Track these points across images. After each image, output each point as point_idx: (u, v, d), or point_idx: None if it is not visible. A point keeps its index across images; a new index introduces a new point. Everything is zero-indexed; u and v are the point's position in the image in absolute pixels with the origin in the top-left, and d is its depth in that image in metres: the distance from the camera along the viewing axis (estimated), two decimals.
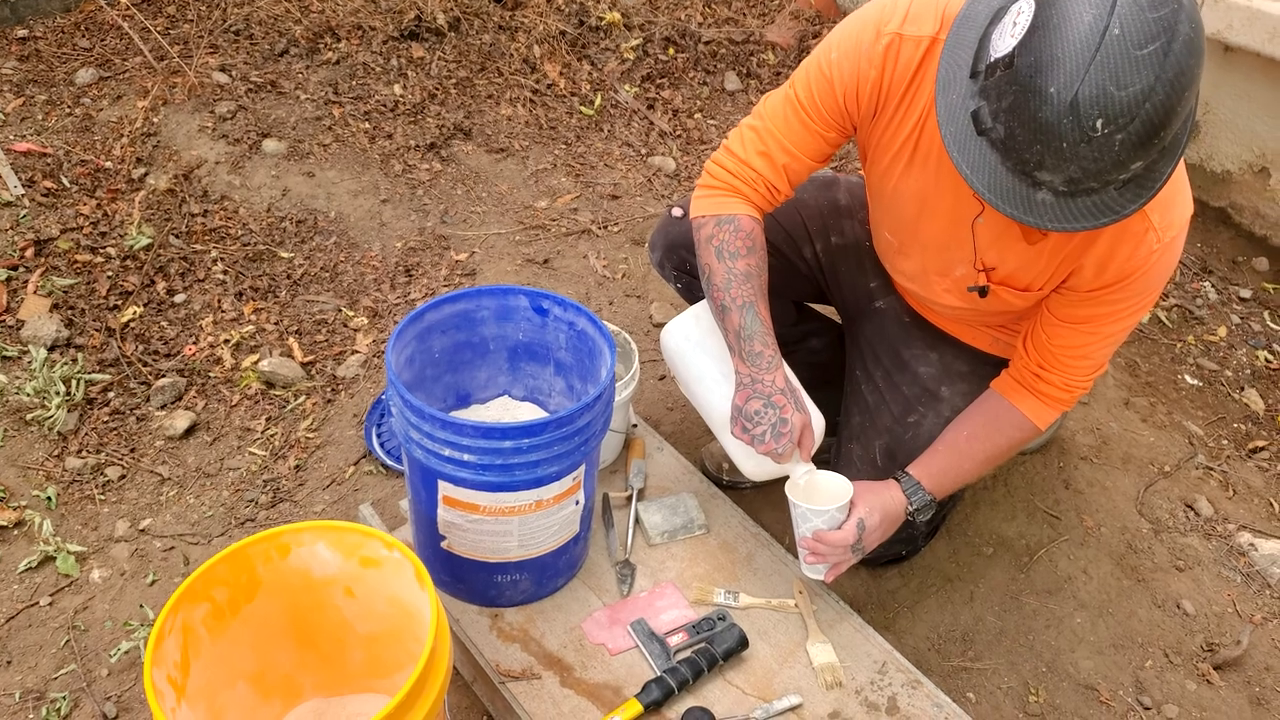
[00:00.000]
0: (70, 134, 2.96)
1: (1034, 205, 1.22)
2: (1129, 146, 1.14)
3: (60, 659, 1.80)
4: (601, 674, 1.58)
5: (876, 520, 1.60)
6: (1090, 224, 1.21)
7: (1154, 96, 1.10)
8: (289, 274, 2.67)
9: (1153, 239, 1.40)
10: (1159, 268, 1.44)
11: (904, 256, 1.76)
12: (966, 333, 1.84)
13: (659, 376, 2.49)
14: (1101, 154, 1.14)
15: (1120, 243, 1.42)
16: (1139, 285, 1.46)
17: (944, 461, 1.66)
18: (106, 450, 2.18)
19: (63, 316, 2.40)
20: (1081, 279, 1.49)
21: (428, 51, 3.53)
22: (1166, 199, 1.38)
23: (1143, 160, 1.16)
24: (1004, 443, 1.66)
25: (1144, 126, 1.12)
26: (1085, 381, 1.60)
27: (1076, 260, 1.48)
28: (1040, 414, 1.63)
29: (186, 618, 1.27)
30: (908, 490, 1.64)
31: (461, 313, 1.70)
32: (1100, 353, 1.56)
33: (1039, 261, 1.52)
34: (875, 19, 1.49)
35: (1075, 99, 1.11)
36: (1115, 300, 1.48)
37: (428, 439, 1.45)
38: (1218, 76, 2.99)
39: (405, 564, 1.33)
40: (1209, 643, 1.99)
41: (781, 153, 1.62)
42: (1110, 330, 1.53)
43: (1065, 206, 1.21)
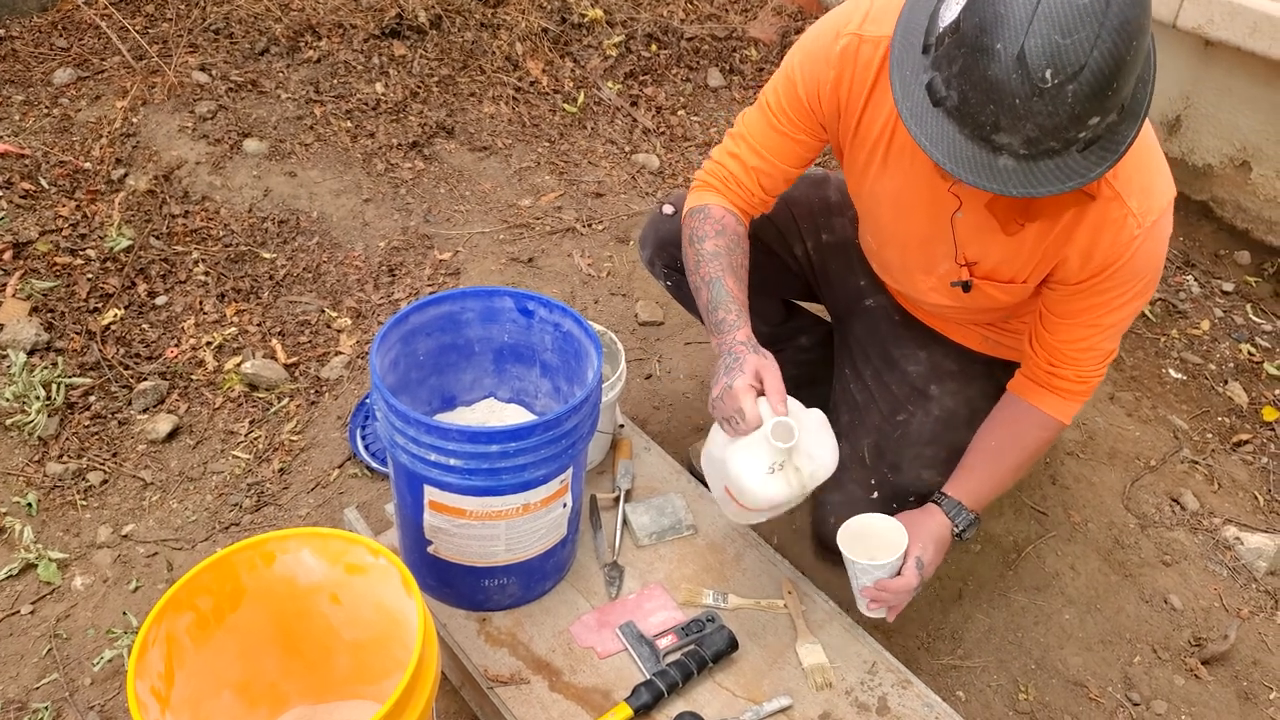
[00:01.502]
0: (48, 135, 2.93)
1: (996, 171, 1.21)
2: (1082, 98, 1.13)
3: (42, 668, 1.78)
4: (590, 678, 1.57)
5: (931, 553, 1.59)
6: (1055, 187, 1.20)
7: (1101, 44, 1.10)
8: (271, 275, 2.65)
9: (1133, 225, 1.39)
10: (1145, 253, 1.43)
11: (887, 257, 1.76)
12: (956, 331, 1.84)
13: (645, 376, 2.49)
14: (1056, 107, 1.14)
15: (1100, 231, 1.41)
16: (1127, 273, 1.45)
17: (979, 476, 1.65)
18: (88, 455, 2.16)
19: (42, 320, 2.37)
20: (1068, 271, 1.48)
21: (409, 49, 3.50)
22: (1143, 184, 1.39)
23: (1099, 115, 1.16)
24: (1033, 444, 1.65)
25: (1094, 75, 1.12)
26: (1098, 370, 1.59)
27: (1059, 251, 1.47)
28: (1061, 409, 1.63)
29: (170, 627, 1.25)
30: (950, 513, 1.63)
31: (446, 315, 1.69)
32: (1105, 343, 1.56)
33: (1021, 253, 1.52)
34: (836, 22, 1.51)
35: (1022, 51, 1.12)
36: (1107, 289, 1.48)
37: (413, 444, 1.43)
38: (1199, 71, 3.00)
39: (391, 570, 1.32)
40: (1196, 637, 2.00)
41: (752, 155, 1.63)
42: (1110, 320, 1.52)
43: (1028, 170, 1.20)
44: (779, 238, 1.95)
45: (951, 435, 1.82)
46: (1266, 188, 2.97)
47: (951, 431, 1.82)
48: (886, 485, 1.83)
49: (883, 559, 1.55)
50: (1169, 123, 3.14)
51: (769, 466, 1.43)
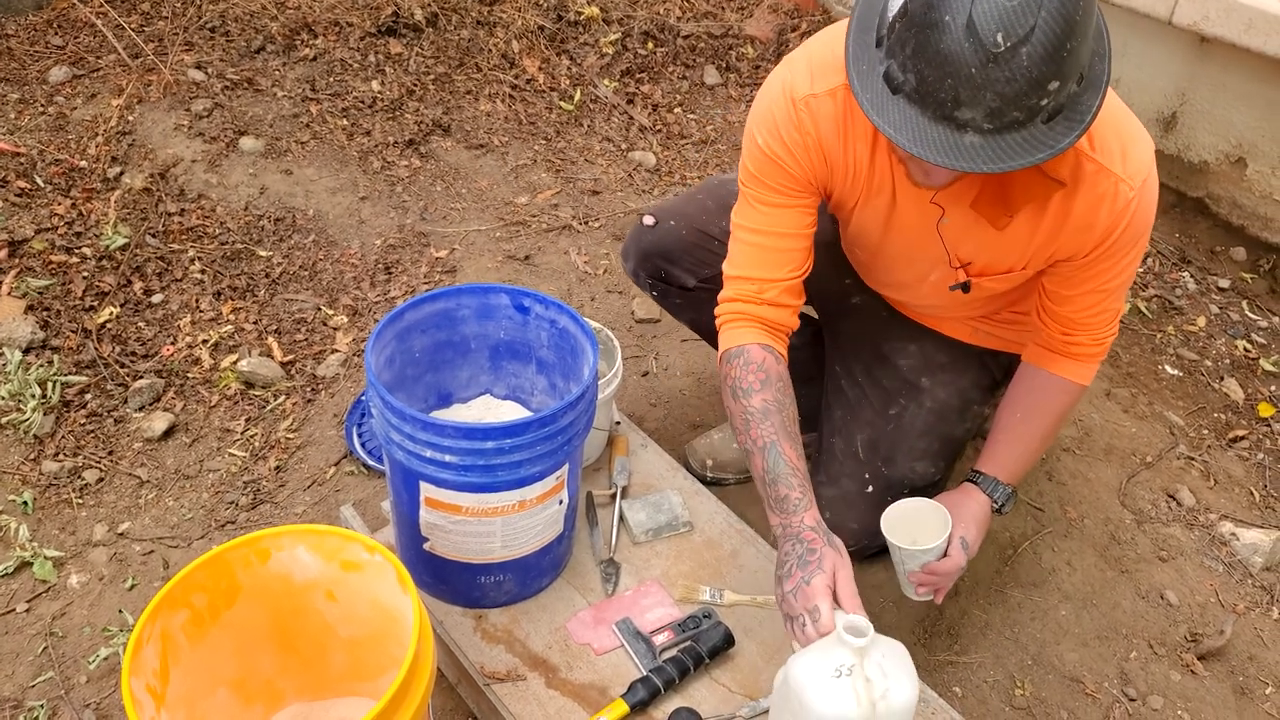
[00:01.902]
0: (44, 133, 2.92)
1: (964, 149, 1.20)
2: (1037, 60, 1.13)
3: (38, 666, 1.78)
4: (587, 674, 1.57)
5: (974, 533, 1.62)
6: (1024, 159, 1.19)
7: (1047, 4, 1.11)
8: (267, 273, 2.65)
9: (1125, 190, 1.40)
10: (1142, 212, 1.44)
11: (878, 273, 1.78)
12: (946, 325, 1.84)
13: (642, 373, 2.48)
14: (1013, 73, 1.14)
15: (1097, 206, 1.42)
16: (1129, 235, 1.45)
17: (1010, 449, 1.68)
18: (84, 453, 2.16)
19: (38, 318, 2.37)
20: (1075, 248, 1.48)
21: (406, 47, 3.50)
22: (1122, 148, 1.39)
23: (1058, 80, 1.15)
24: (1058, 410, 1.67)
25: (1046, 36, 1.12)
26: (1112, 329, 1.61)
27: (1058, 233, 1.47)
28: (1080, 372, 1.64)
29: (165, 625, 1.25)
30: (988, 489, 1.66)
31: (442, 312, 1.68)
32: (1115, 304, 1.57)
33: (1016, 244, 1.52)
34: (786, 90, 1.50)
35: (970, 20, 1.12)
36: (1112, 254, 1.48)
37: (409, 440, 1.43)
38: (1194, 68, 3.00)
39: (387, 567, 1.32)
40: (1192, 633, 2.00)
41: (760, 251, 1.58)
42: (1117, 283, 1.54)
43: (995, 145, 1.19)
44: None
45: (944, 427, 1.83)
46: (1262, 184, 2.97)
47: (944, 423, 1.83)
48: (881, 478, 1.83)
49: (926, 543, 1.57)
50: (1164, 119, 3.14)
51: (835, 669, 1.27)
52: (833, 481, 1.91)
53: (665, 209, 1.95)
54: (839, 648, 1.30)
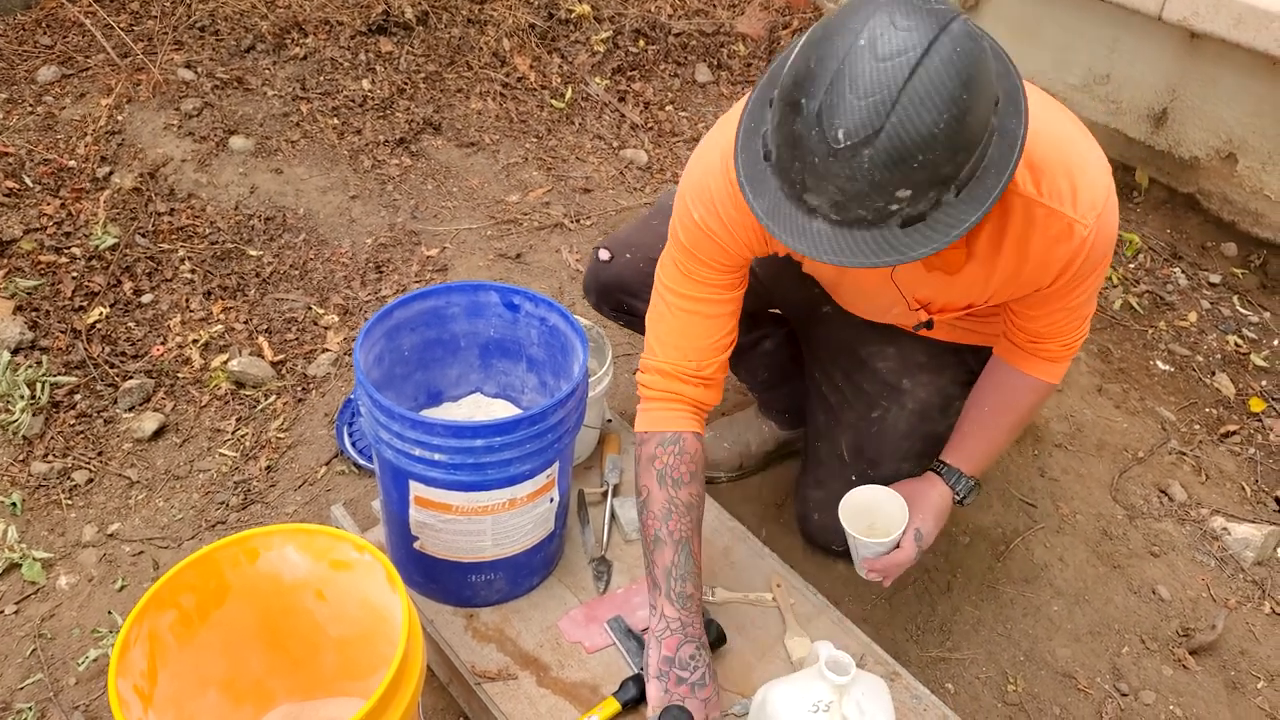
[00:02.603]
0: (32, 133, 2.91)
1: (810, 234, 1.14)
2: (879, 165, 1.06)
3: (26, 668, 1.77)
4: (578, 672, 1.57)
5: (931, 524, 1.64)
6: (871, 260, 1.12)
7: (900, 112, 1.03)
8: (258, 272, 2.64)
9: (1080, 229, 1.36)
10: (1099, 241, 1.39)
11: (841, 300, 1.80)
12: None
13: (633, 370, 2.48)
14: (854, 172, 1.07)
15: (1052, 247, 1.38)
16: (1089, 264, 1.42)
17: (975, 442, 1.69)
18: (73, 454, 2.15)
19: (27, 318, 2.36)
20: (1037, 283, 1.46)
21: (396, 46, 3.49)
22: (1071, 187, 1.34)
23: (908, 188, 1.08)
24: (1025, 406, 1.68)
25: (891, 144, 1.04)
26: (1080, 332, 1.60)
27: (1017, 273, 1.44)
28: (1050, 371, 1.64)
29: (153, 626, 1.24)
30: (951, 480, 1.67)
31: (431, 310, 1.68)
32: (1083, 312, 1.56)
33: (974, 285, 1.51)
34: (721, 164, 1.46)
35: (820, 109, 1.06)
36: (1075, 282, 1.46)
37: (397, 439, 1.43)
38: (1185, 64, 3.01)
39: (376, 566, 1.31)
40: (1184, 628, 2.00)
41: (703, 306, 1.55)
42: (1081, 300, 1.52)
43: (842, 238, 1.13)
44: None
45: (927, 426, 1.82)
46: (1252, 180, 2.97)
47: (927, 423, 1.82)
48: (866, 480, 1.82)
49: (882, 533, 1.59)
50: (1155, 115, 3.14)
51: (814, 704, 1.30)
52: (820, 484, 1.91)
53: (620, 240, 1.93)
54: (819, 682, 1.31)
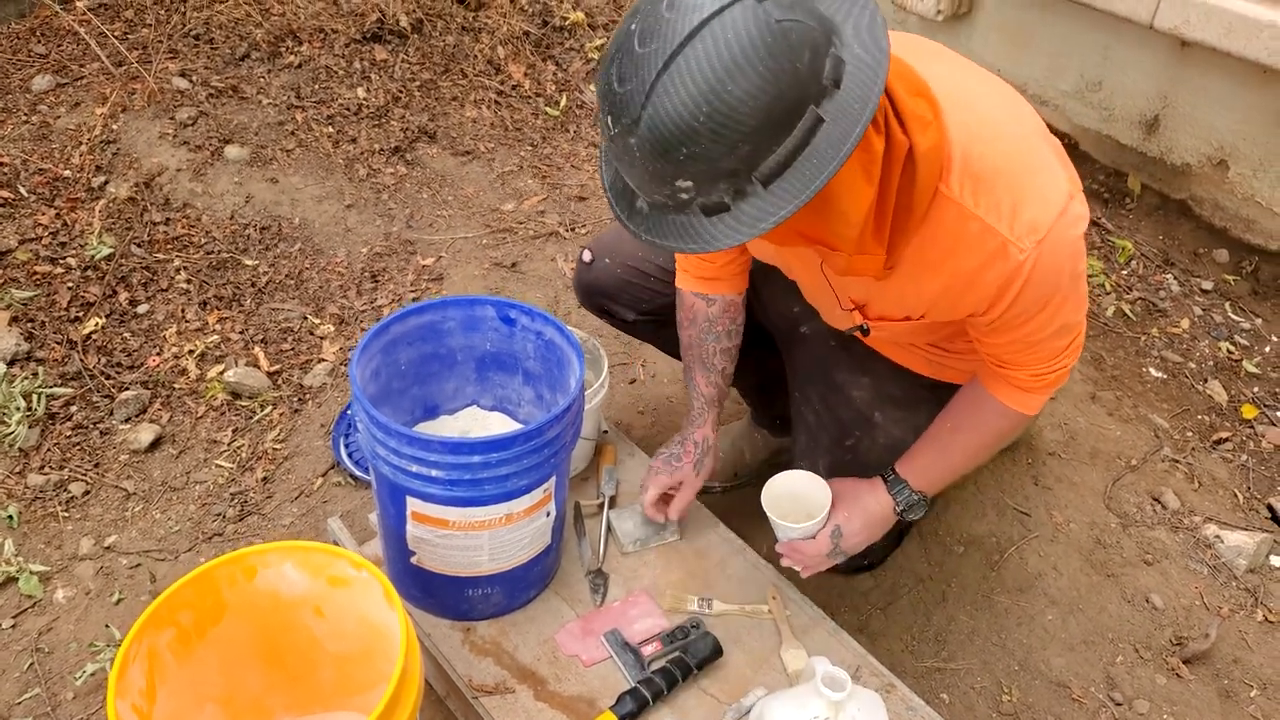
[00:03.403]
0: (27, 142, 2.91)
1: (635, 211, 1.13)
2: (647, 154, 1.03)
3: (24, 683, 1.77)
4: (576, 686, 1.58)
5: (857, 526, 1.59)
6: (679, 246, 1.09)
7: (657, 102, 0.99)
8: (253, 282, 2.64)
9: (1014, 251, 1.26)
10: (1041, 273, 1.28)
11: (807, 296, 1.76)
12: (898, 353, 1.76)
13: (629, 381, 2.49)
14: (631, 157, 1.05)
15: (983, 268, 1.29)
16: (1032, 297, 1.31)
17: (930, 456, 1.61)
18: (69, 466, 2.15)
19: (22, 329, 2.36)
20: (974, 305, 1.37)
21: (390, 54, 3.50)
22: (1011, 205, 1.25)
23: (688, 179, 1.03)
24: (989, 431, 1.59)
25: (651, 132, 1.01)
26: (1055, 365, 1.48)
27: (948, 289, 1.36)
28: (1020, 400, 1.53)
29: (151, 644, 1.25)
30: (894, 490, 1.60)
31: (427, 324, 1.68)
32: (1050, 346, 1.44)
33: (906, 295, 1.43)
34: None
35: (601, 92, 1.06)
36: (1023, 316, 1.36)
37: (395, 455, 1.43)
38: (1176, 72, 3.02)
39: (374, 583, 1.32)
40: (1178, 636, 2.01)
41: None
42: (1039, 337, 1.41)
43: (656, 220, 1.10)
44: None
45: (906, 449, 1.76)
46: (1244, 186, 2.99)
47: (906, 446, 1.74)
48: None
49: (801, 522, 1.57)
50: (1147, 122, 3.16)
51: (810, 718, 1.33)
52: None
53: (603, 244, 1.95)
54: (815, 698, 1.32)
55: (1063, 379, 1.51)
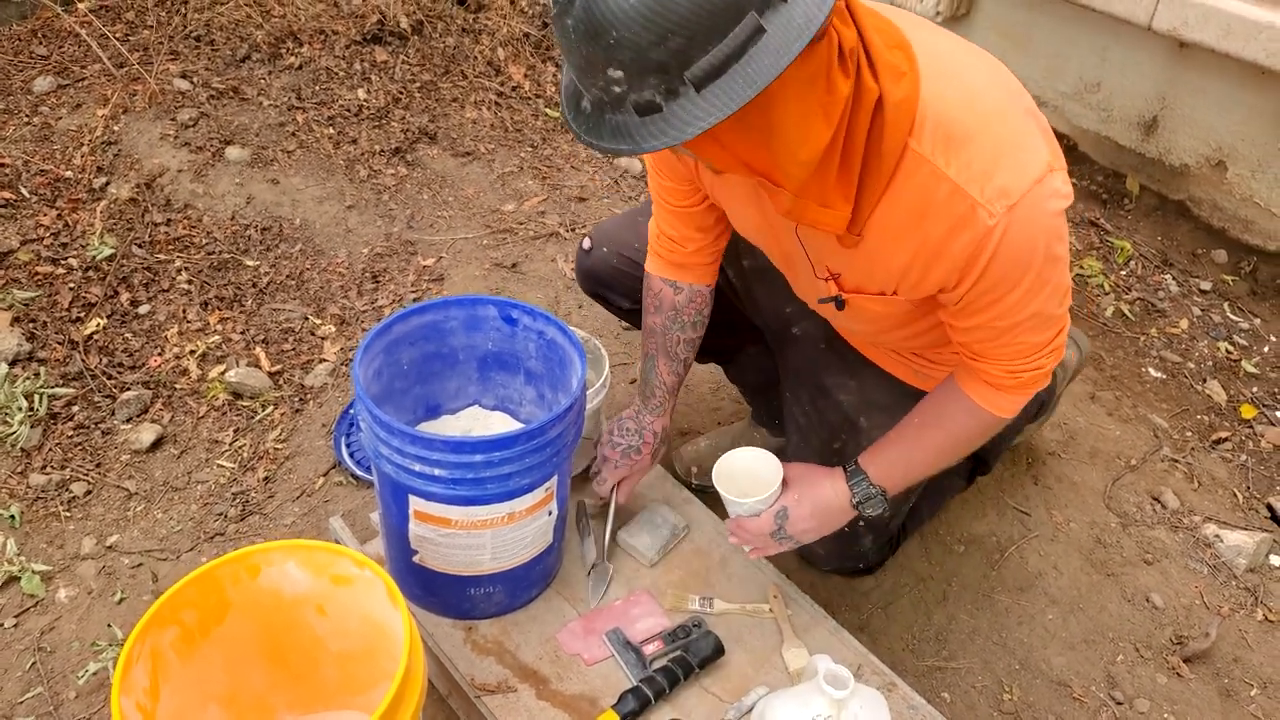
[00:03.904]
0: (29, 143, 2.91)
1: (579, 113, 1.10)
2: (581, 35, 1.00)
3: (26, 682, 1.77)
4: (578, 685, 1.58)
5: (806, 511, 1.55)
6: (610, 145, 1.07)
7: None
8: (255, 282, 2.65)
9: (984, 215, 1.19)
10: (1010, 244, 1.22)
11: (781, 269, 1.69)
12: (885, 359, 1.75)
13: (630, 380, 2.49)
14: (568, 41, 1.03)
15: (951, 233, 1.23)
16: (1000, 271, 1.25)
17: (894, 451, 1.55)
18: (71, 466, 2.15)
19: (24, 330, 2.36)
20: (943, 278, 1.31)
21: (391, 55, 3.50)
22: (985, 168, 1.19)
23: (618, 69, 1.01)
24: (958, 431, 1.51)
25: (584, 12, 0.98)
26: (1030, 365, 1.40)
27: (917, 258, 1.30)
28: (991, 399, 1.45)
29: (155, 643, 1.25)
30: (852, 480, 1.54)
31: (429, 324, 1.69)
32: (1025, 340, 1.36)
33: (878, 265, 1.37)
34: None
35: None
36: (994, 296, 1.29)
37: (397, 454, 1.44)
38: (1174, 73, 3.03)
39: (377, 583, 1.32)
40: (1178, 635, 2.02)
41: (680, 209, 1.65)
42: (1008, 323, 1.33)
43: (596, 121, 1.08)
44: None
45: None
46: (1242, 187, 3.00)
47: None
48: None
49: (747, 498, 1.56)
50: (1145, 123, 3.16)
51: (812, 718, 1.35)
52: None
53: (602, 232, 1.96)
54: (818, 696, 1.33)
55: (1039, 381, 1.43)
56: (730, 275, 1.91)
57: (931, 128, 1.19)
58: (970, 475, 2.11)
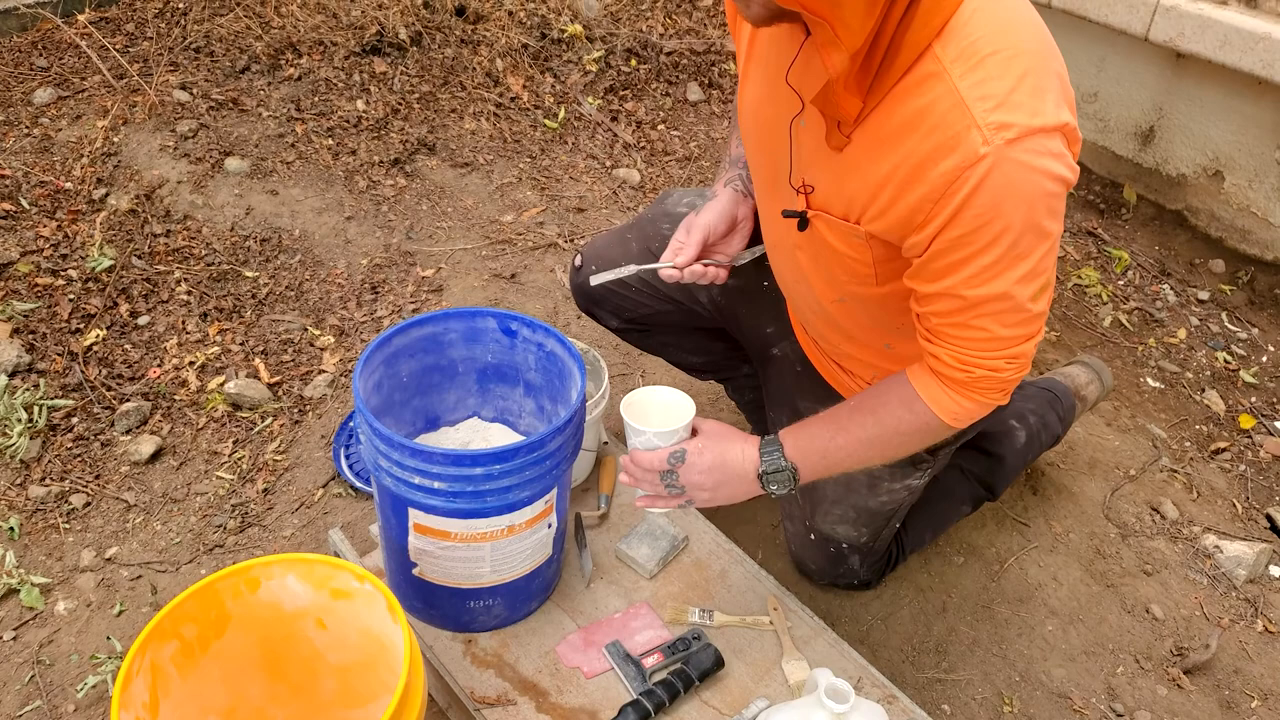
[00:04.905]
0: (29, 155, 2.92)
1: None
2: None
3: (25, 695, 1.77)
4: (577, 698, 1.58)
5: (707, 462, 1.45)
6: None
7: None
8: (254, 293, 2.65)
9: (976, 139, 1.11)
10: (997, 185, 1.13)
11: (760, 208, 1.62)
12: (846, 386, 1.75)
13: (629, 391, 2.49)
14: None
15: (938, 152, 1.15)
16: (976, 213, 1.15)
17: (816, 428, 1.45)
18: (70, 478, 2.15)
19: (24, 341, 2.36)
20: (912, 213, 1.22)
21: (390, 66, 3.51)
22: (1000, 93, 1.12)
23: None
24: (890, 421, 1.40)
25: None
26: (983, 360, 1.29)
27: (893, 177, 1.22)
28: (935, 396, 1.35)
29: (155, 657, 1.25)
30: (764, 449, 1.46)
31: (429, 336, 1.69)
32: (987, 326, 1.26)
33: (854, 178, 1.28)
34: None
35: None
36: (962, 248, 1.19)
37: (397, 467, 1.43)
38: (1171, 83, 3.04)
39: (377, 596, 1.32)
40: (1178, 647, 2.02)
41: None
42: (976, 295, 1.23)
43: None
44: (681, 288, 1.88)
45: (854, 498, 1.78)
46: (1239, 197, 3.00)
47: (853, 494, 1.77)
48: (815, 530, 1.84)
49: (647, 427, 1.48)
50: (1143, 133, 3.17)
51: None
52: (789, 519, 1.94)
53: (593, 249, 1.94)
54: (819, 710, 1.32)
55: (991, 387, 1.32)
56: (715, 294, 1.91)
57: (959, 38, 1.13)
58: (976, 503, 2.12)
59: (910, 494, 1.82)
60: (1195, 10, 2.80)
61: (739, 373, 2.16)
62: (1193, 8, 2.81)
